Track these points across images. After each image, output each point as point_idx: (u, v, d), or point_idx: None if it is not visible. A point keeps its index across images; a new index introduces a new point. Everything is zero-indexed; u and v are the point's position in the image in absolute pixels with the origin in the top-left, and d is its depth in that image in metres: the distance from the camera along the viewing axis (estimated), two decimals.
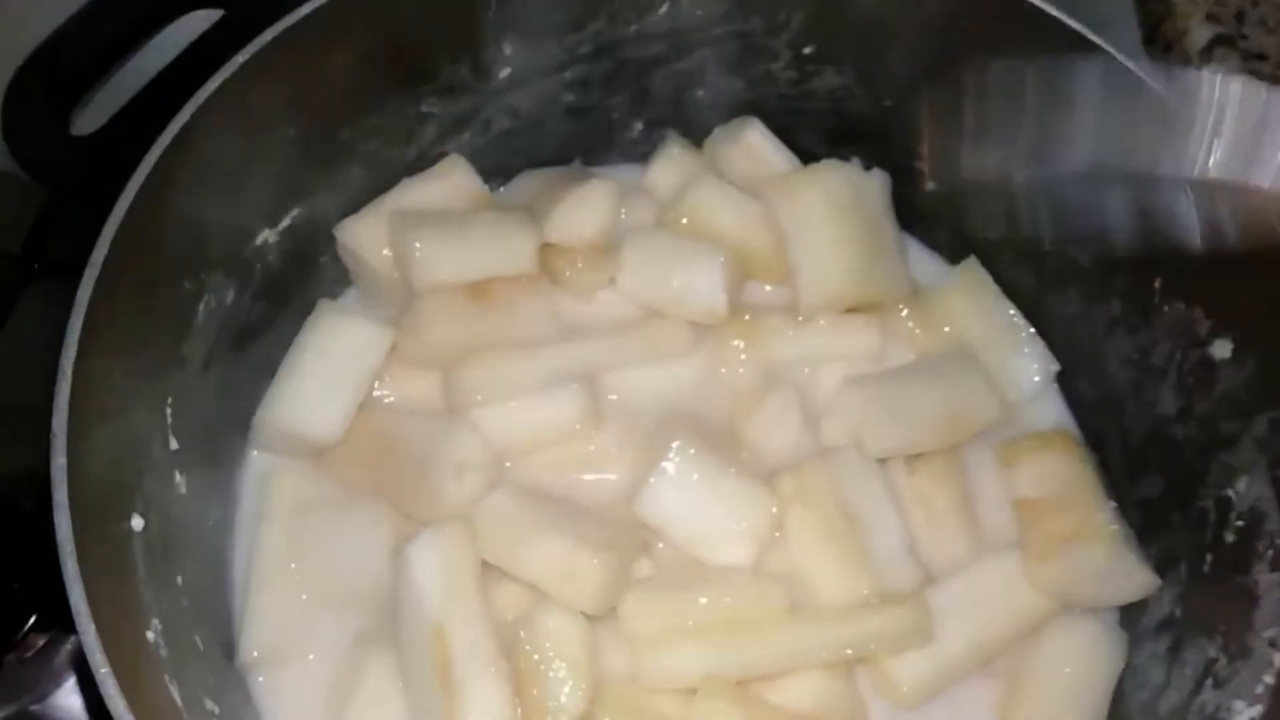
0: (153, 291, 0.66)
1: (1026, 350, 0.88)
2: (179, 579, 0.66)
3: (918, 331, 0.89)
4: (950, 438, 0.82)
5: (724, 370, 0.86)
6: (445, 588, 0.72)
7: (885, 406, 0.81)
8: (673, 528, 0.76)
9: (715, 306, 0.84)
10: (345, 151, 0.82)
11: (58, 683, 0.78)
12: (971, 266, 0.90)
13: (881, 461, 0.80)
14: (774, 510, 0.77)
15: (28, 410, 0.82)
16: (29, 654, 0.79)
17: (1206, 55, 1.00)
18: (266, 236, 0.78)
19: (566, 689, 0.70)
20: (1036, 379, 0.87)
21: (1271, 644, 0.61)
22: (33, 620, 0.78)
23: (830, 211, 0.85)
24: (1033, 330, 0.88)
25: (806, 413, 0.83)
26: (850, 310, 0.87)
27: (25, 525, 0.79)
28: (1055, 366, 0.87)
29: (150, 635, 0.58)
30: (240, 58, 0.67)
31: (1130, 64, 0.69)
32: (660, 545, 0.78)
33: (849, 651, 0.72)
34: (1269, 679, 0.60)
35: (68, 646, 0.79)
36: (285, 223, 0.80)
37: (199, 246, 0.71)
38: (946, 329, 0.88)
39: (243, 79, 0.68)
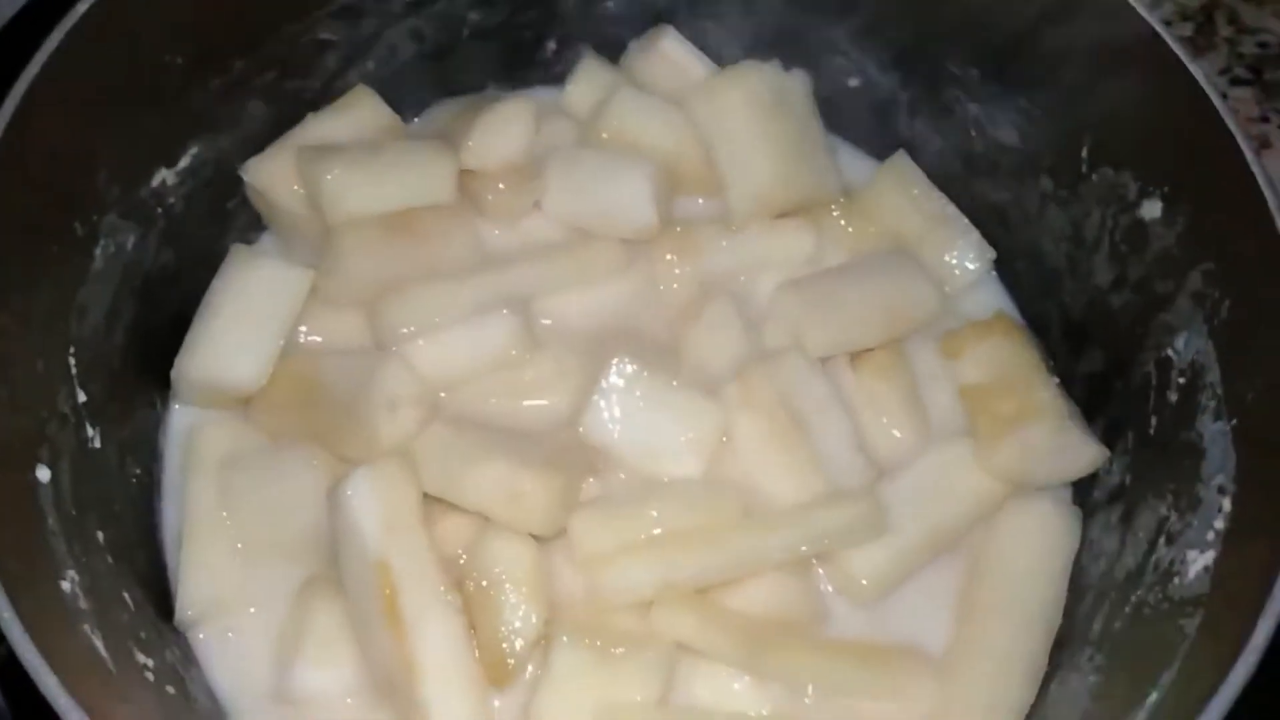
0: (37, 233, 0.62)
1: (961, 240, 0.87)
2: (99, 535, 0.63)
3: (851, 230, 0.87)
4: (890, 332, 0.81)
5: (660, 287, 0.84)
6: (385, 523, 0.69)
7: (822, 306, 0.80)
8: (619, 445, 0.74)
9: (646, 221, 0.81)
10: (241, 84, 0.78)
11: None
12: (899, 161, 0.88)
13: (824, 361, 0.79)
14: (719, 419, 0.75)
15: None
16: None
17: None
18: (164, 177, 0.75)
19: (520, 613, 0.68)
20: (973, 268, 0.86)
21: (1220, 490, 0.61)
22: None
23: (753, 113, 0.83)
24: (965, 220, 0.87)
25: (746, 320, 0.81)
26: (782, 215, 0.85)
27: None
28: (991, 254, 0.86)
29: (65, 585, 0.55)
30: None
31: None
32: (608, 464, 0.76)
33: (803, 549, 0.71)
34: (1219, 524, 0.60)
35: None
36: (184, 162, 0.76)
37: (86, 185, 0.67)
38: (880, 226, 0.87)
39: (110, 6, 0.64)
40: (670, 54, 0.89)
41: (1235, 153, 0.63)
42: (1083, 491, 0.78)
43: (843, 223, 0.87)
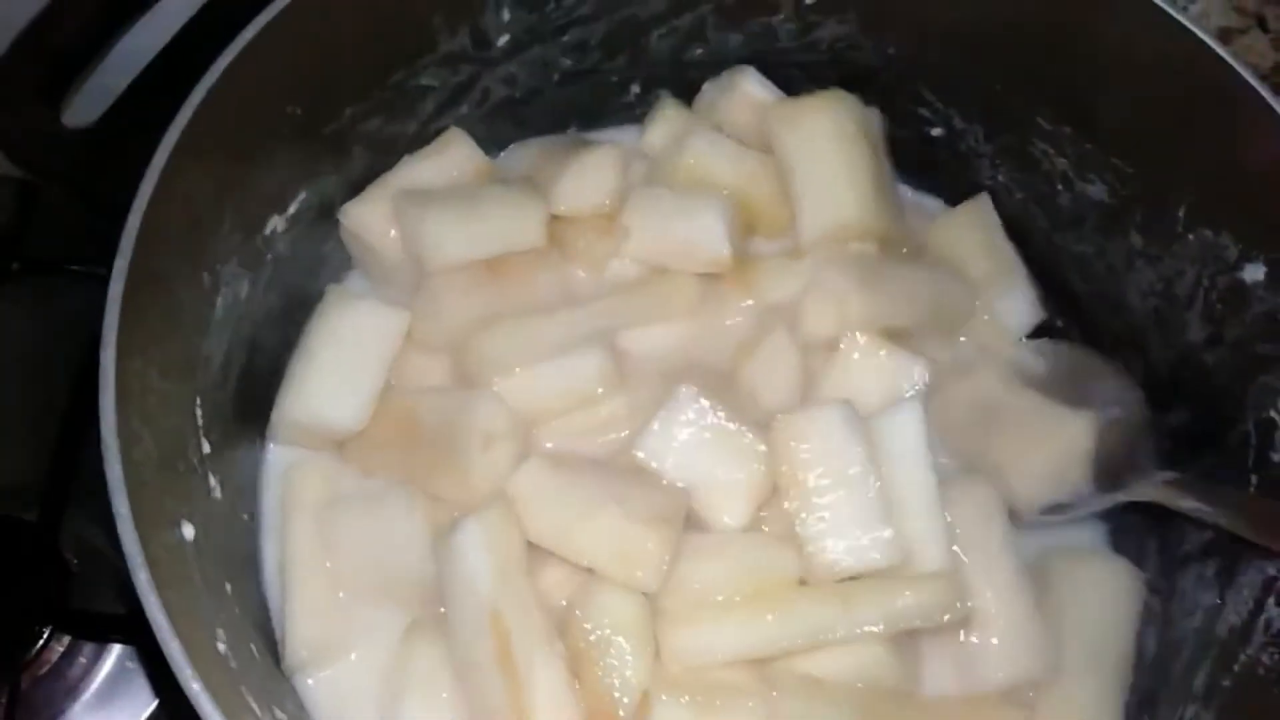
0: (174, 287, 0.63)
1: (1017, 293, 0.88)
2: (228, 586, 0.64)
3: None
4: (929, 317, 0.82)
5: (728, 322, 0.85)
6: (497, 571, 0.70)
7: (868, 280, 0.81)
8: (669, 474, 0.74)
9: (720, 253, 0.82)
10: (349, 130, 0.78)
11: (76, 697, 0.76)
12: (980, 203, 0.90)
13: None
14: (770, 464, 0.74)
15: (14, 417, 0.79)
16: (43, 671, 0.76)
17: None
18: (275, 224, 0.75)
19: (630, 667, 0.69)
20: (1013, 323, 0.87)
21: None
22: (46, 634, 0.75)
23: (837, 137, 0.84)
24: (1026, 275, 0.88)
25: (802, 351, 0.81)
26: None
27: (28, 538, 0.76)
28: (1039, 317, 0.87)
29: (221, 647, 0.55)
30: (243, 37, 0.64)
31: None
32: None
33: (880, 628, 0.70)
34: None
35: (82, 660, 0.77)
36: (293, 208, 0.76)
37: (213, 238, 0.67)
38: (943, 262, 0.88)
39: (245, 62, 0.64)
40: (749, 92, 0.90)
41: None
42: (1170, 545, 0.79)
43: (904, 251, 0.88)
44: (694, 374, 0.80)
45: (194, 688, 0.46)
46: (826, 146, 0.84)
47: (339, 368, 0.78)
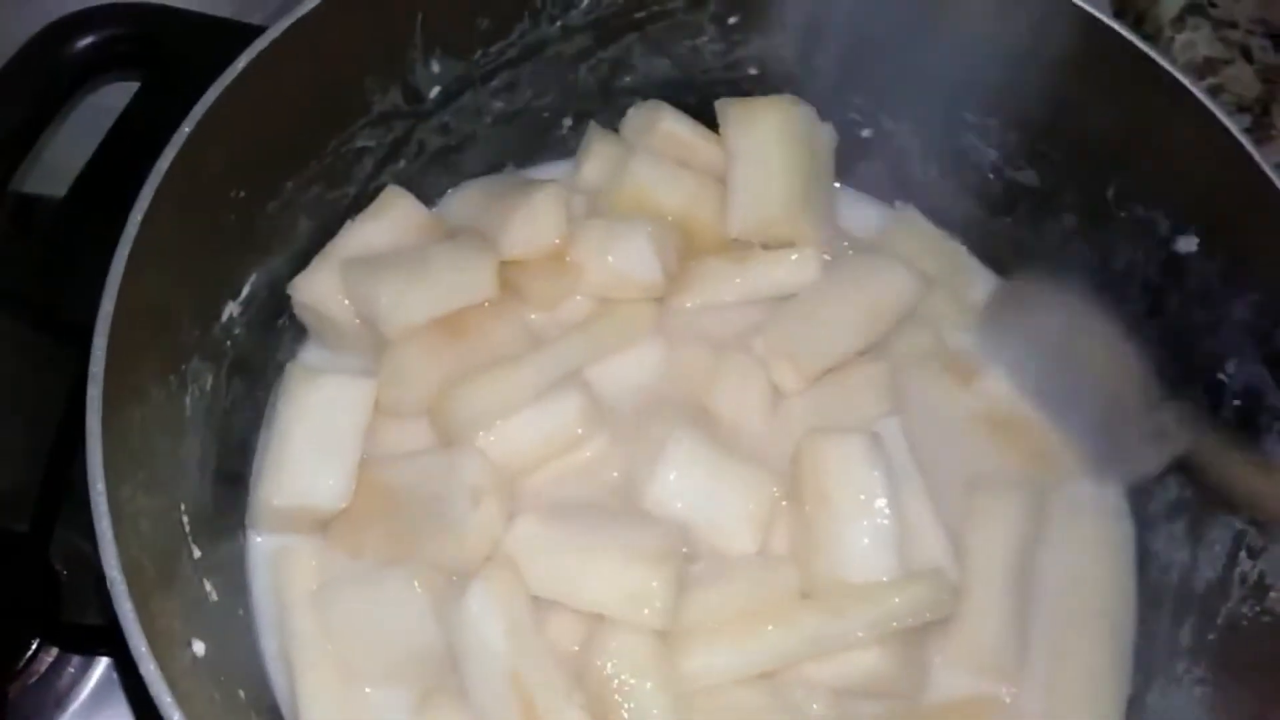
0: (147, 400, 0.61)
1: (975, 280, 0.91)
2: (241, 694, 0.62)
3: None
4: (875, 331, 0.84)
5: (685, 342, 0.86)
6: (509, 632, 0.70)
7: (799, 332, 0.83)
8: (682, 518, 0.76)
9: (651, 277, 0.83)
10: (291, 204, 0.77)
11: (64, 707, 0.76)
12: (907, 213, 0.93)
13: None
14: (775, 493, 0.77)
15: (8, 428, 0.76)
16: (31, 680, 0.76)
17: (1179, 24, 1.04)
18: (231, 310, 0.73)
19: (656, 705, 0.70)
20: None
21: None
22: (35, 646, 0.76)
23: (780, 139, 0.86)
24: (977, 261, 0.91)
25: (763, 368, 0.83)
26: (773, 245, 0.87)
27: (19, 549, 0.76)
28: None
29: None
30: (183, 131, 0.62)
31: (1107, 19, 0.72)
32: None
33: (871, 633, 0.72)
34: None
35: (70, 670, 0.76)
36: (246, 291, 0.75)
37: (176, 338, 0.65)
38: None
39: (189, 153, 0.63)
40: (668, 130, 0.90)
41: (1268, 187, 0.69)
42: (1138, 504, 0.83)
43: (847, 247, 0.90)
44: (669, 403, 0.81)
45: None
46: (766, 143, 0.86)
47: (314, 447, 0.76)
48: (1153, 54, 0.74)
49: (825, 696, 0.74)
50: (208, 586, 0.65)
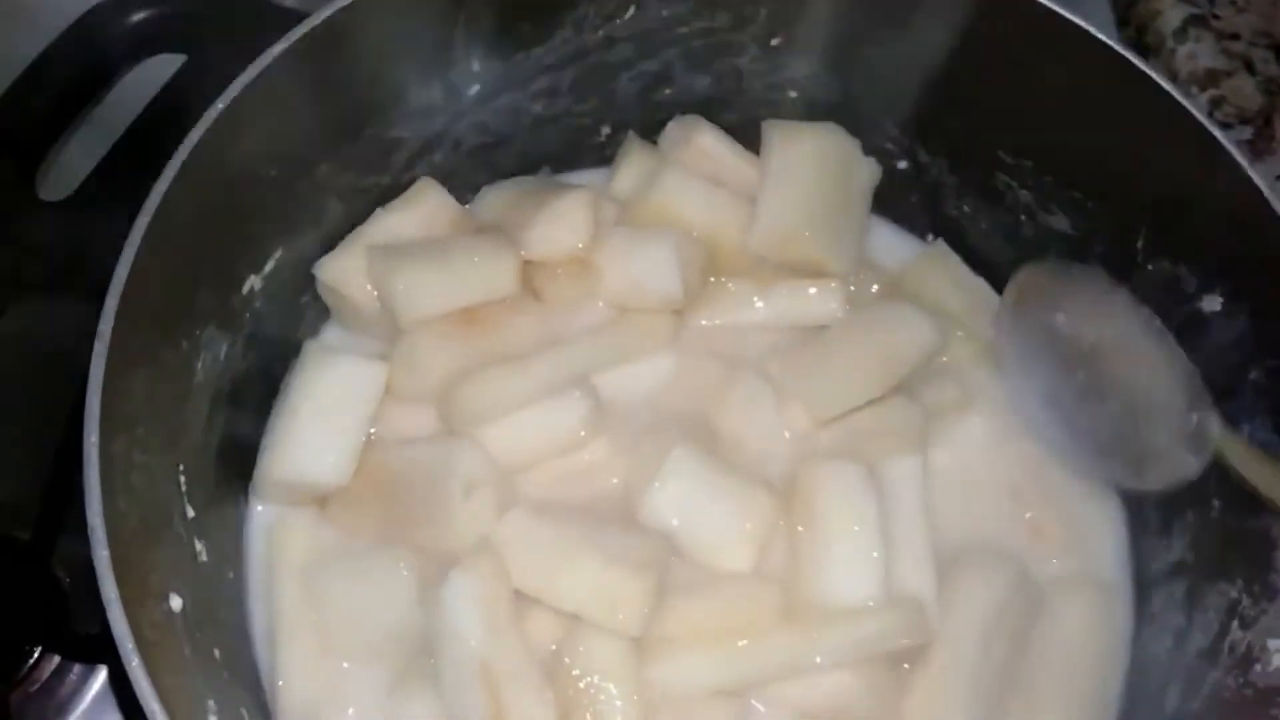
0: (155, 362, 0.63)
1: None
2: (216, 652, 0.64)
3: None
4: (890, 378, 0.83)
5: (698, 357, 0.86)
6: (485, 624, 0.71)
7: (815, 370, 0.82)
8: (676, 534, 0.76)
9: (672, 290, 0.84)
10: (323, 187, 0.79)
11: (66, 714, 0.76)
12: (938, 248, 0.92)
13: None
14: (774, 513, 0.77)
15: (11, 435, 0.79)
16: (34, 688, 0.77)
17: (1181, 36, 1.03)
18: (253, 283, 0.76)
19: (620, 711, 0.70)
20: None
21: None
22: (37, 654, 0.76)
23: (819, 161, 0.87)
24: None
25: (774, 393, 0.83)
26: (795, 272, 0.88)
27: (22, 556, 0.77)
28: None
29: (213, 718, 0.56)
30: (217, 107, 0.64)
31: (1105, 38, 0.71)
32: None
33: (848, 655, 0.73)
34: None
35: (72, 677, 0.77)
36: (269, 267, 0.77)
37: (192, 305, 0.68)
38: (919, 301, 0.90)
39: (220, 129, 0.65)
40: (703, 146, 0.91)
41: None
42: (1141, 565, 0.81)
43: (877, 293, 0.90)
44: (675, 416, 0.82)
45: None
46: (802, 164, 0.87)
47: (320, 424, 0.79)
48: (1192, 109, 0.73)
49: (793, 718, 0.73)
50: (199, 546, 0.67)
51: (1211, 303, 0.74)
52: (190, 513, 0.67)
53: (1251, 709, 0.63)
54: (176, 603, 0.59)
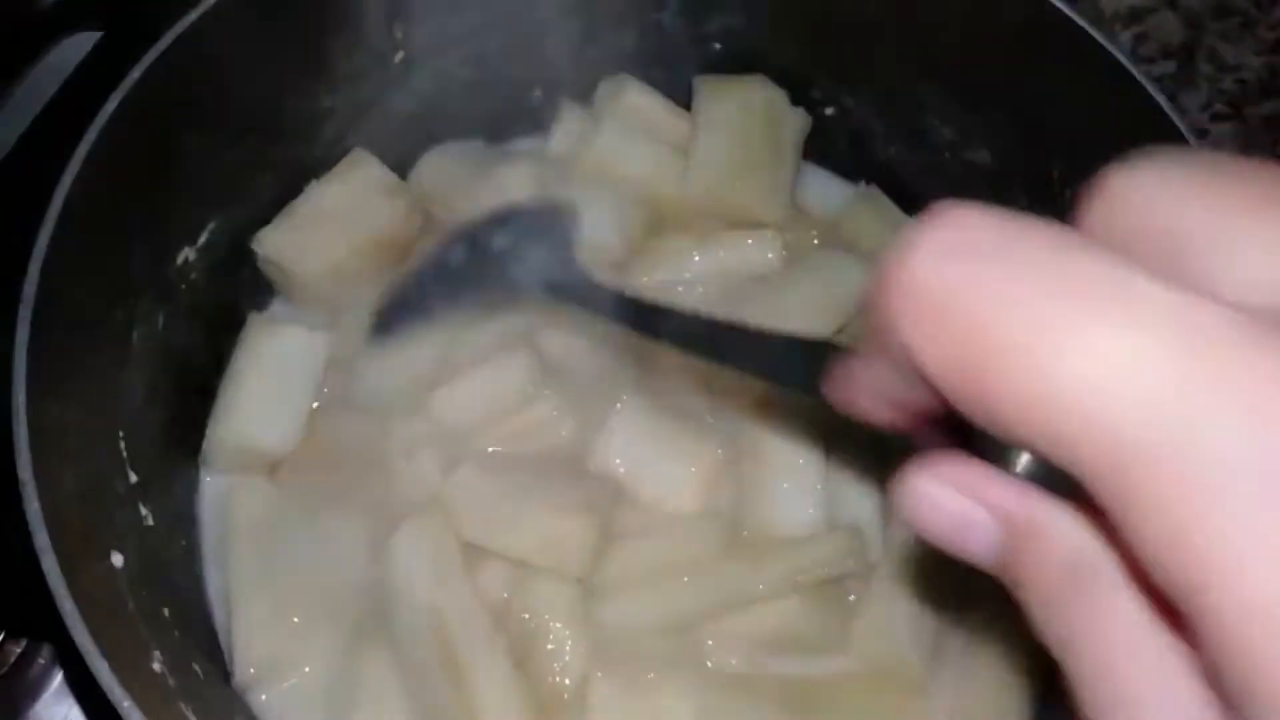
0: (86, 325, 0.64)
1: None
2: (165, 611, 0.65)
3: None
4: (831, 323, 0.84)
5: None
6: (434, 575, 0.72)
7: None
8: (625, 480, 0.78)
9: (610, 245, 0.85)
10: (253, 159, 0.80)
11: (35, 696, 0.77)
12: (869, 192, 0.94)
13: None
14: (719, 454, 0.79)
15: None
16: (2, 671, 0.77)
17: None
18: (187, 255, 0.77)
19: (569, 650, 0.72)
20: None
21: None
22: (1, 636, 0.76)
23: (747, 113, 0.89)
24: None
25: None
26: (733, 224, 0.89)
27: None
28: None
29: (156, 667, 0.57)
30: (132, 76, 0.65)
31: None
32: (618, 498, 0.79)
33: (791, 583, 0.74)
34: None
35: (41, 660, 0.77)
36: (204, 238, 0.78)
37: (124, 273, 0.69)
38: (855, 248, 0.92)
39: (138, 98, 0.66)
40: (634, 103, 0.92)
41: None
42: None
43: (815, 241, 0.92)
44: (621, 368, 0.83)
45: (124, 705, 0.48)
46: (730, 115, 0.88)
47: (266, 393, 0.80)
48: (1098, 37, 0.75)
49: (743, 650, 0.75)
50: (144, 510, 0.68)
51: None
52: (134, 478, 0.68)
53: None
54: (118, 560, 0.61)
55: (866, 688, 0.75)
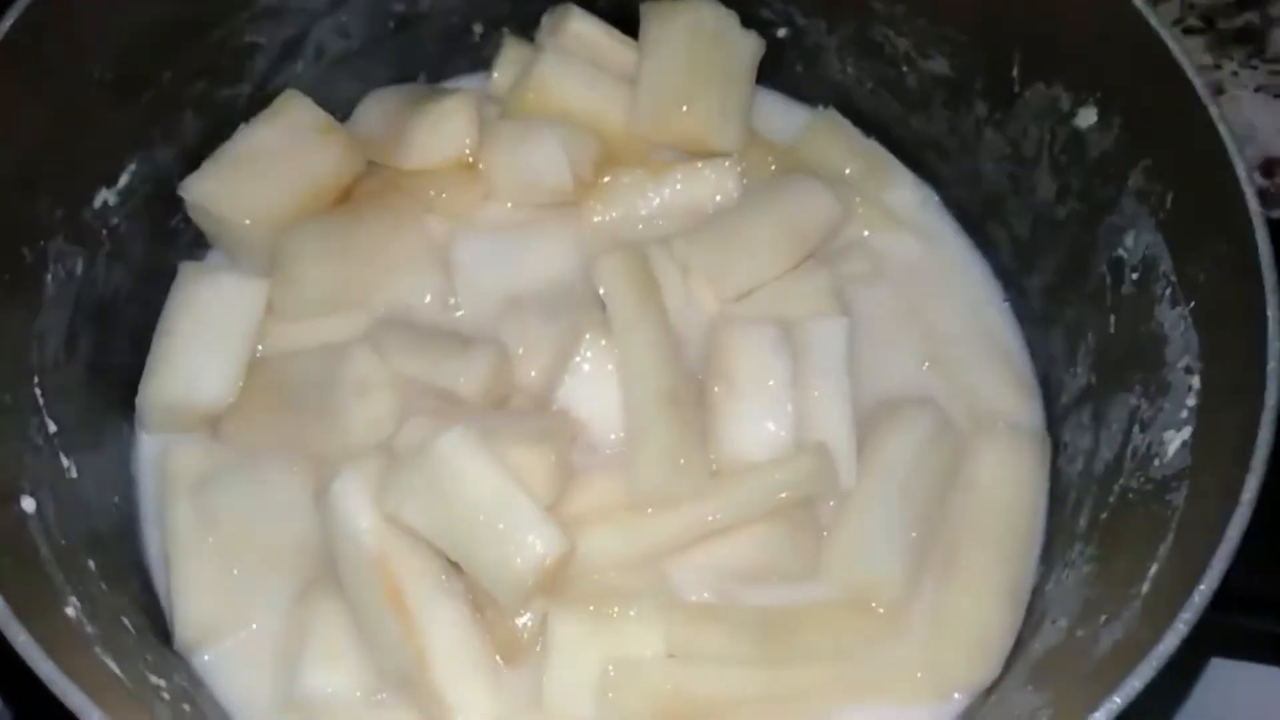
0: None
1: (897, 181, 0.89)
2: (90, 563, 0.62)
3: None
4: (799, 251, 0.81)
5: (600, 248, 0.83)
6: (378, 518, 0.69)
7: (723, 249, 0.81)
8: (591, 418, 0.75)
9: (561, 180, 0.82)
10: (172, 96, 0.76)
11: None
12: (828, 114, 0.91)
13: None
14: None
15: None
16: None
17: None
18: (106, 197, 0.73)
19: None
20: (912, 206, 0.88)
21: (1187, 370, 0.63)
22: None
23: (694, 37, 0.85)
24: (898, 162, 0.89)
25: (680, 270, 0.81)
26: (688, 155, 0.86)
27: None
28: (927, 193, 0.89)
29: (70, 611, 0.54)
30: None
31: None
32: (582, 434, 0.76)
33: (760, 506, 0.71)
34: (1191, 401, 0.62)
35: None
36: (124, 180, 0.74)
37: (29, 211, 0.65)
38: (815, 173, 0.87)
39: (33, 22, 0.62)
40: (578, 31, 0.89)
41: (1160, 47, 0.66)
42: (1050, 399, 0.81)
43: (774, 168, 0.88)
44: (583, 307, 0.79)
45: (20, 639, 0.44)
46: (676, 41, 0.85)
47: (199, 344, 0.77)
48: None
49: (713, 581, 0.72)
50: (65, 461, 0.65)
51: (1087, 116, 0.73)
52: (52, 427, 0.64)
53: (1151, 500, 0.62)
54: (29, 504, 0.57)
55: (842, 615, 0.72)
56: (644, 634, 0.68)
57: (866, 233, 0.87)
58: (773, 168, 0.88)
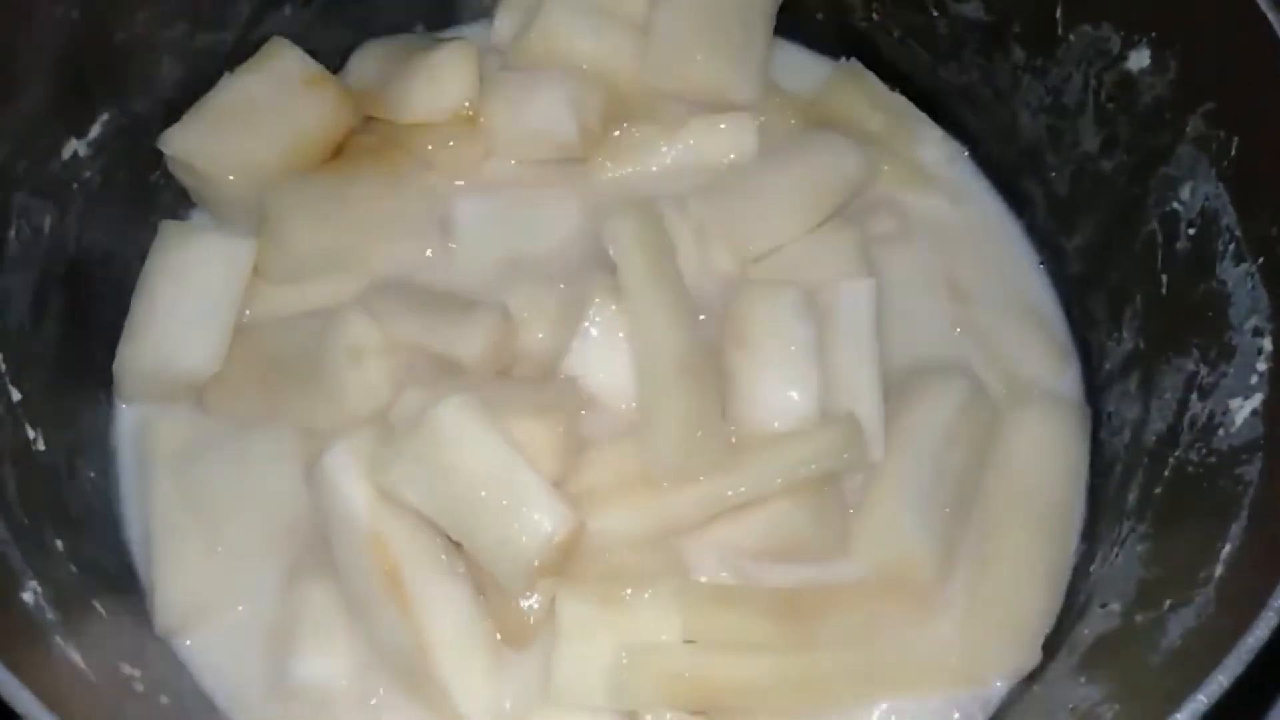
0: None
1: (925, 136, 0.84)
2: (57, 543, 0.57)
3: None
4: (822, 211, 0.77)
5: (609, 206, 0.77)
6: (373, 495, 0.64)
7: (743, 210, 0.76)
8: (600, 386, 0.70)
9: (568, 135, 0.77)
10: (147, 40, 0.71)
11: None
12: (851, 66, 0.85)
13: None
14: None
15: None
16: None
17: None
18: (76, 149, 0.68)
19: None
20: (942, 160, 0.84)
21: (1256, 332, 0.58)
22: None
23: None
24: (926, 117, 0.84)
25: (694, 231, 0.76)
26: (703, 108, 0.81)
27: None
28: (957, 147, 0.84)
29: (27, 597, 0.49)
30: None
31: None
32: (591, 403, 0.71)
33: (779, 481, 0.66)
34: (1262, 365, 0.57)
35: None
36: (95, 131, 0.69)
37: None
38: (839, 127, 0.83)
39: None
40: None
41: None
42: (1092, 366, 0.75)
43: (793, 123, 0.83)
44: (591, 269, 0.74)
45: None
46: None
47: (181, 308, 0.72)
48: None
49: (732, 561, 0.67)
50: (30, 432, 0.60)
51: (1140, 58, 0.68)
52: (15, 395, 0.60)
53: (1217, 475, 0.57)
54: None
55: (871, 597, 0.67)
56: (659, 617, 0.63)
57: (893, 191, 0.82)
58: (792, 122, 0.83)
